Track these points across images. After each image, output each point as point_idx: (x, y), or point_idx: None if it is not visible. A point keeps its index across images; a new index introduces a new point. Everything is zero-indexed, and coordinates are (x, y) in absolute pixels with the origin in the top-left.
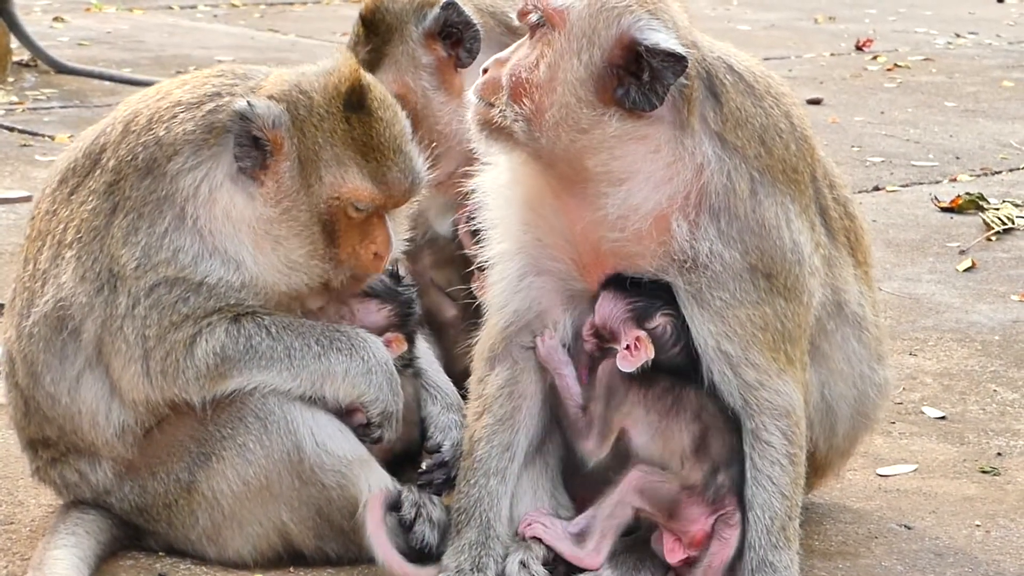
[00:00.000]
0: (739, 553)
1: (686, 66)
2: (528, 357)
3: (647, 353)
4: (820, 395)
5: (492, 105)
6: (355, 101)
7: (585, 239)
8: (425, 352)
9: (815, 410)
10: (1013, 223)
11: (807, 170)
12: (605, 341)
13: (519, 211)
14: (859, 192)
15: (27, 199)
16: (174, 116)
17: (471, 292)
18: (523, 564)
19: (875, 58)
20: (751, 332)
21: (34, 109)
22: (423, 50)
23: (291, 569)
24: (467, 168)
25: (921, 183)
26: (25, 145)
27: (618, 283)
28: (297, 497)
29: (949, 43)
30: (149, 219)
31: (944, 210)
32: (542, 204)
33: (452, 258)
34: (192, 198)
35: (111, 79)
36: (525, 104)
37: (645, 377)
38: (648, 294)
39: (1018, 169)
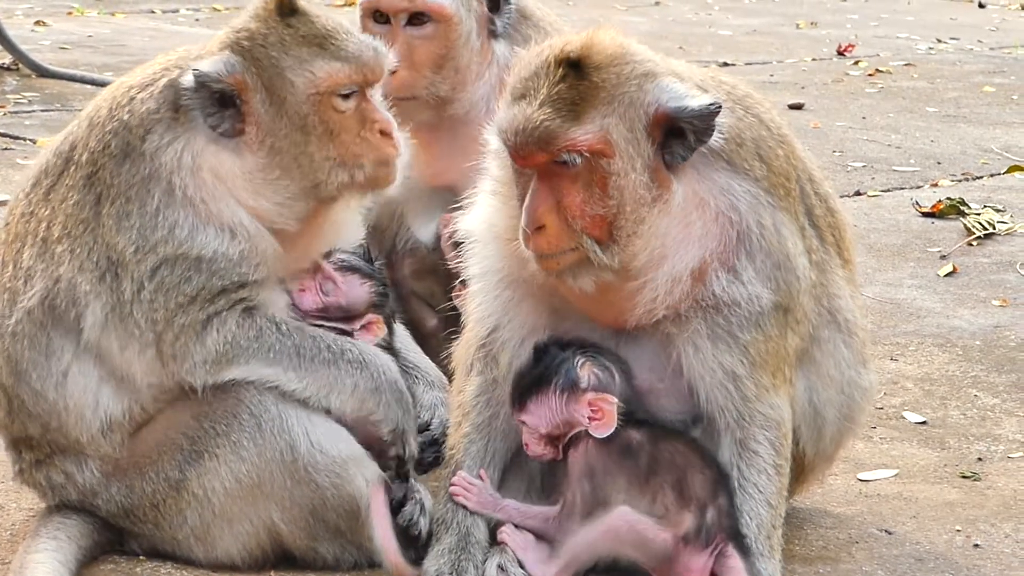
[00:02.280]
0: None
1: (720, 108)
2: (505, 366)
3: (609, 404)
4: (808, 400)
5: (576, 249)
6: (287, 8)
7: (611, 307)
8: (403, 334)
9: (803, 416)
10: (994, 228)
11: (794, 174)
12: (563, 437)
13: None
14: (841, 197)
15: (6, 203)
16: (132, 99)
17: (453, 302)
18: (501, 568)
19: (857, 63)
20: (764, 359)
21: (15, 113)
22: None
23: (272, 573)
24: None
25: (902, 188)
26: (7, 149)
27: (528, 387)
28: (289, 497)
29: (930, 48)
30: (138, 200)
31: (925, 215)
32: None
33: (433, 267)
34: (177, 170)
35: (92, 83)
36: (613, 237)
37: (616, 445)
38: (554, 367)
39: (999, 174)
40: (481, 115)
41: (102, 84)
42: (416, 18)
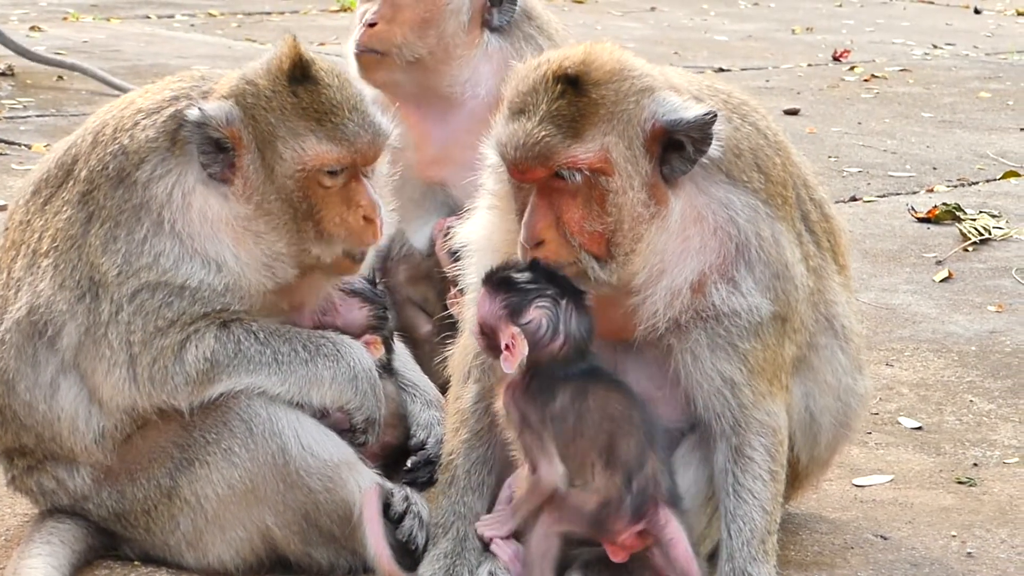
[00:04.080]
0: (717, 564)
1: (716, 118)
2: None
3: (521, 350)
4: (804, 407)
5: (574, 264)
6: (299, 74)
7: (612, 322)
8: (402, 352)
9: (799, 422)
10: (990, 234)
11: (791, 181)
12: (491, 340)
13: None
14: (836, 202)
15: (3, 208)
16: (136, 124)
17: (446, 308)
18: (492, 574)
19: (852, 69)
20: (761, 367)
21: (10, 118)
22: None
23: None
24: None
25: (898, 194)
26: (2, 154)
27: (495, 278)
28: (282, 501)
29: (926, 54)
30: (127, 227)
31: (921, 220)
32: None
33: (428, 273)
34: (167, 204)
35: (72, 68)
36: (611, 253)
37: (545, 394)
38: (521, 287)
39: (995, 180)
40: (466, 98)
41: (85, 72)
42: None
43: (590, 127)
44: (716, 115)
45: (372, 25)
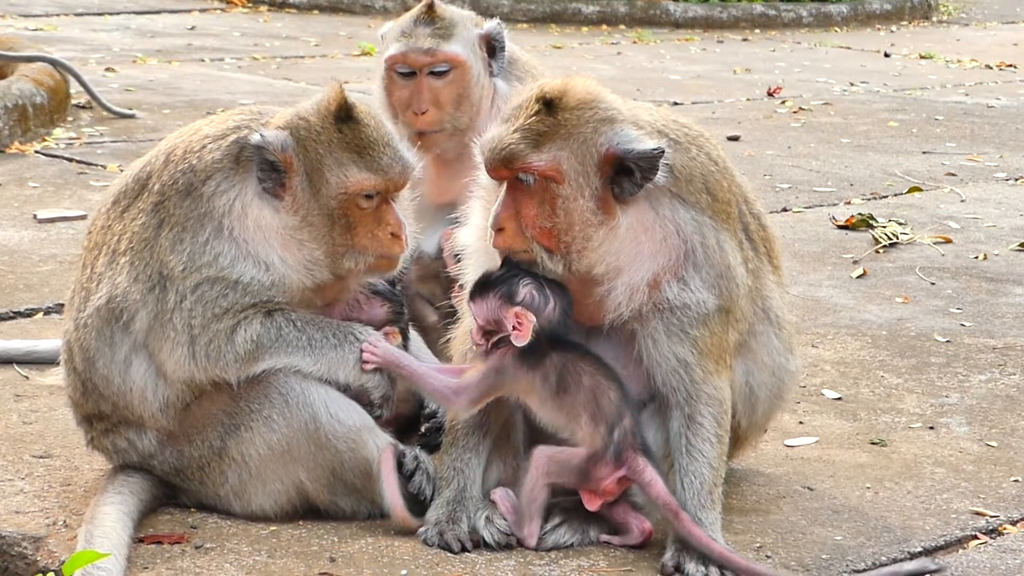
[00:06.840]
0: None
1: (663, 152)
2: None
3: (530, 321)
4: (745, 382)
5: (527, 252)
6: (343, 114)
7: (585, 309)
8: (415, 339)
9: (740, 395)
10: (897, 238)
11: (735, 199)
12: (495, 335)
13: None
14: (770, 213)
15: (83, 217)
16: (204, 147)
17: (451, 302)
18: (488, 519)
19: (784, 103)
20: (709, 350)
21: (89, 144)
22: (480, 44)
23: (301, 522)
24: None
25: (821, 205)
26: (82, 173)
27: (478, 286)
28: (313, 460)
29: (844, 90)
30: (192, 231)
31: (840, 227)
32: None
33: (435, 273)
34: (228, 213)
35: (29, 59)
36: (560, 248)
37: (529, 358)
38: (503, 278)
39: (901, 194)
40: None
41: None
42: (437, 68)
43: (549, 142)
44: (664, 151)
45: (424, 112)
